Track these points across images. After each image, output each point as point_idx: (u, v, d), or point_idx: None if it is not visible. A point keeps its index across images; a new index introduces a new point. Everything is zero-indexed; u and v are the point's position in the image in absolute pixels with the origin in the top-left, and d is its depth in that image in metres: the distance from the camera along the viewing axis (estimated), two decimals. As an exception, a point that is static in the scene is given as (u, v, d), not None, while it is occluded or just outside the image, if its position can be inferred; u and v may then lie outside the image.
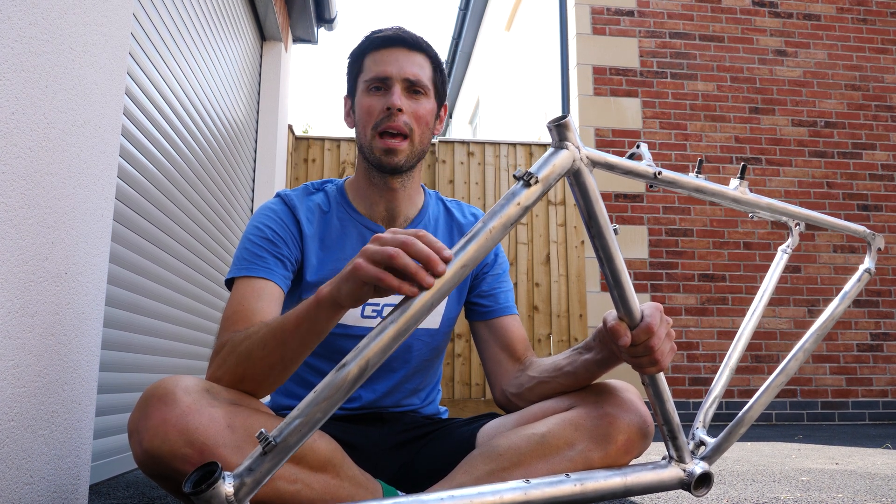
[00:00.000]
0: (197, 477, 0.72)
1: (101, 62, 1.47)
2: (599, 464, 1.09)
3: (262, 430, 0.73)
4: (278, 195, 1.36)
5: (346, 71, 1.38)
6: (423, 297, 0.78)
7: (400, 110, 1.26)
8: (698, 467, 1.06)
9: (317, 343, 1.02)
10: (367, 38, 1.34)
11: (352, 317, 1.29)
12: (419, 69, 1.30)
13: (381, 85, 1.29)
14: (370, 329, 1.30)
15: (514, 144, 5.38)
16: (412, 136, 1.28)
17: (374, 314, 1.31)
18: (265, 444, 0.73)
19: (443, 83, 1.36)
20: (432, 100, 1.33)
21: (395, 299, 1.31)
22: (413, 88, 1.29)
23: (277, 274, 1.23)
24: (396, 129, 1.27)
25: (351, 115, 1.37)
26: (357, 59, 1.34)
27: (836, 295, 1.24)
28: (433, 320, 1.36)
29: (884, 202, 5.45)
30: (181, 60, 2.77)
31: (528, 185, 0.82)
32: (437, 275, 0.80)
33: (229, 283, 1.25)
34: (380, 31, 1.34)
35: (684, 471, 1.06)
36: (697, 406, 4.96)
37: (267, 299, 1.19)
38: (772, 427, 4.70)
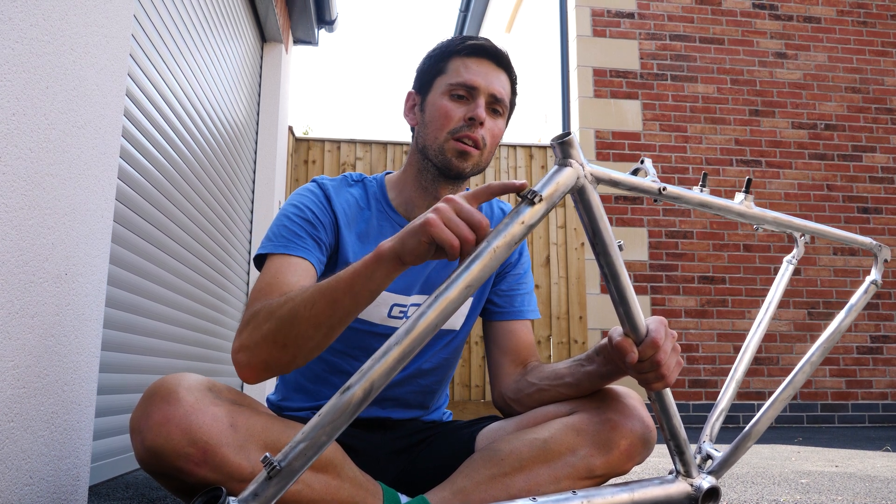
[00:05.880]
0: (202, 502, 0.73)
1: (102, 63, 1.47)
2: (601, 470, 1.09)
3: (267, 454, 0.73)
4: (315, 181, 1.32)
5: (421, 65, 1.33)
6: (428, 318, 0.77)
7: (482, 123, 1.24)
8: (706, 482, 1.05)
9: (368, 303, 0.99)
10: (458, 40, 1.29)
11: (378, 316, 1.26)
12: (503, 88, 1.27)
13: (466, 94, 1.25)
14: (395, 329, 1.29)
15: (514, 146, 5.38)
16: (483, 151, 1.26)
17: (401, 314, 1.28)
18: (270, 469, 0.73)
19: (514, 107, 1.35)
20: (505, 121, 1.31)
21: (420, 300, 1.30)
22: (494, 106, 1.27)
23: (314, 256, 1.19)
24: (474, 141, 1.24)
25: (415, 113, 1.33)
26: (440, 59, 1.29)
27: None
28: (455, 321, 1.34)
29: (884, 205, 5.45)
30: (182, 62, 2.77)
31: (531, 203, 0.82)
32: (480, 239, 0.85)
33: (260, 260, 1.20)
34: (472, 37, 1.30)
35: (692, 485, 1.05)
36: (697, 408, 4.96)
37: (303, 275, 1.14)
38: (771, 429, 4.70)
